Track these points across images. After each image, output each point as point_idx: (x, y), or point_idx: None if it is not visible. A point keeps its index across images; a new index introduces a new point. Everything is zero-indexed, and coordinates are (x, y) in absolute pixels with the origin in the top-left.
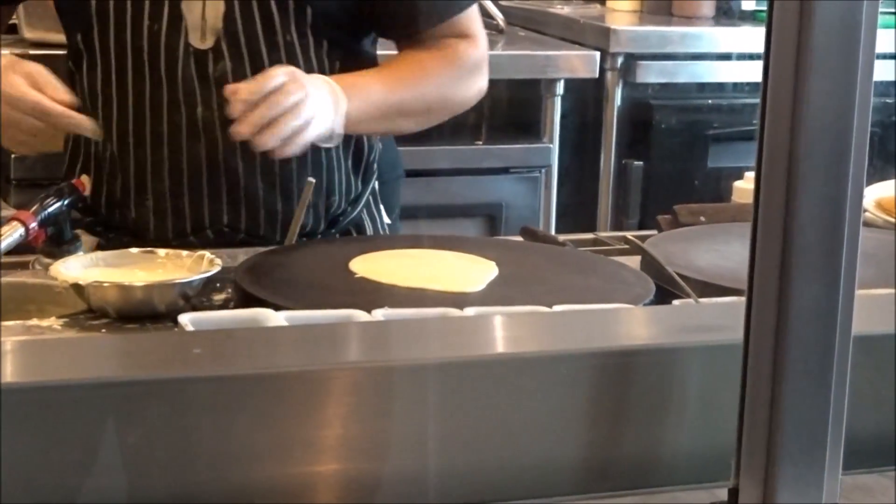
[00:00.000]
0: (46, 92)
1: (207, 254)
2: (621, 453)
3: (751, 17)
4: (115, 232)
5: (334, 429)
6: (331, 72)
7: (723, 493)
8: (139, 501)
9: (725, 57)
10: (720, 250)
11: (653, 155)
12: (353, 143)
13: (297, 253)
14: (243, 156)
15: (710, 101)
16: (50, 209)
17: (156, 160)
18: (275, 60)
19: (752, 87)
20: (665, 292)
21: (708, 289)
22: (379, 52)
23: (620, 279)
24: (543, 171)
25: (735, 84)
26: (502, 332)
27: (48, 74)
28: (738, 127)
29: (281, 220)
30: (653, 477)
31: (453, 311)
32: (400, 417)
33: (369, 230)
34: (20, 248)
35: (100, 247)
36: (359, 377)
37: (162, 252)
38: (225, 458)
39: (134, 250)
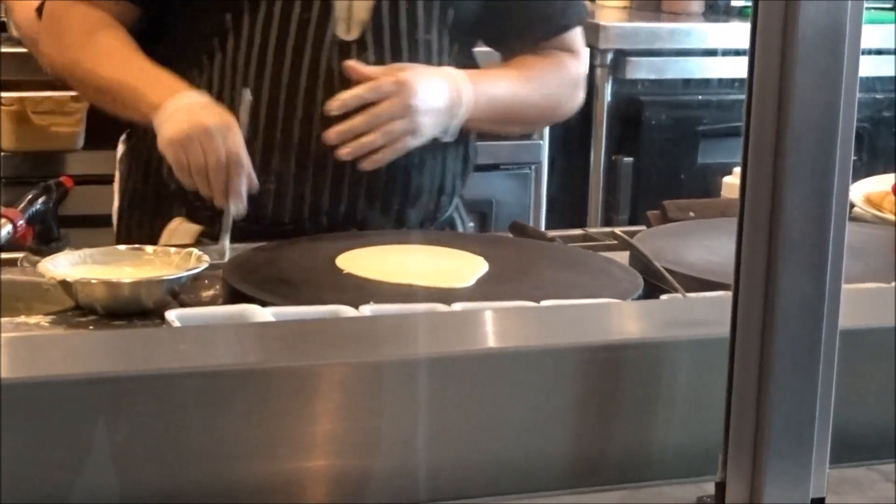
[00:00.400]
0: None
1: (195, 250)
2: (609, 448)
3: (740, 13)
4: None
5: (322, 425)
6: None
7: (710, 488)
8: (127, 497)
9: (715, 53)
10: (709, 245)
11: (643, 151)
12: (464, 145)
13: (285, 249)
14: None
15: (699, 98)
16: (37, 206)
17: (285, 144)
18: (413, 58)
19: (742, 83)
20: (653, 287)
21: (696, 283)
22: None
23: (608, 274)
24: (534, 167)
25: (725, 80)
26: (490, 327)
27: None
28: (728, 123)
29: (395, 216)
30: (640, 472)
31: (441, 307)
32: (388, 413)
33: (459, 228)
34: (8, 246)
35: (203, 234)
36: (346, 373)
37: (150, 249)
38: (212, 454)
39: (122, 247)
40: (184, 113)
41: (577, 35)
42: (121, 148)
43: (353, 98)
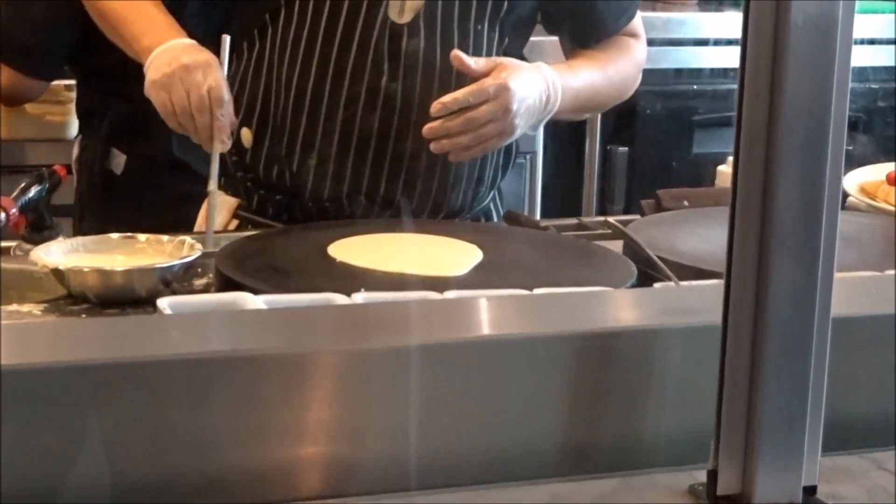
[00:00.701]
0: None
1: (188, 239)
2: (601, 435)
3: (734, 3)
4: (267, 190)
5: (313, 413)
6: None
7: (702, 476)
8: (118, 484)
9: (710, 42)
10: (702, 234)
11: (638, 141)
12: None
13: (277, 238)
14: (415, 132)
15: (694, 87)
16: (30, 195)
17: (328, 122)
18: (463, 46)
19: (736, 72)
20: (647, 276)
21: (689, 272)
22: None
23: (602, 263)
24: (528, 157)
25: (719, 70)
26: (482, 315)
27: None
28: (722, 112)
29: (433, 201)
30: (632, 459)
31: (433, 295)
32: (379, 401)
33: (494, 219)
34: (1, 235)
35: (239, 208)
36: (337, 361)
37: (142, 237)
38: (203, 442)
39: (114, 235)
40: (167, 55)
41: (639, 20)
42: (75, 150)
43: (455, 102)
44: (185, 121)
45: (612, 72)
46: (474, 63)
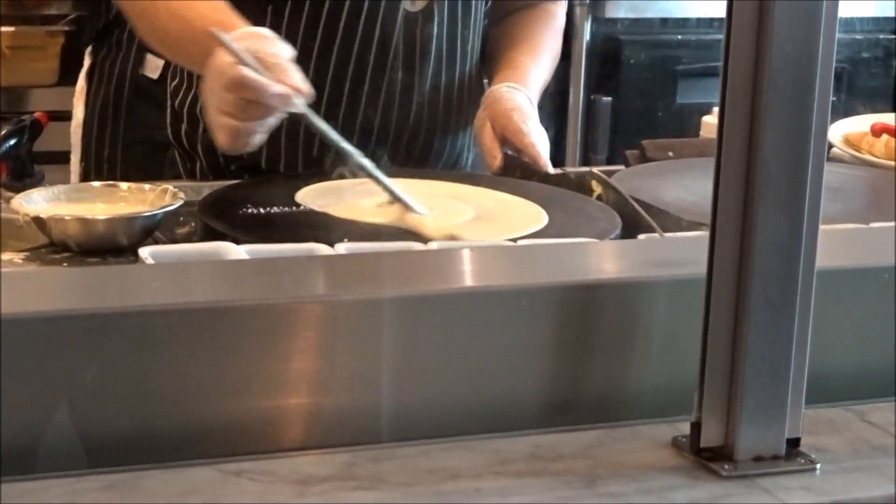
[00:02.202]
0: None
1: (171, 187)
2: (584, 387)
3: None
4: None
5: (295, 363)
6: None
7: (685, 428)
8: (99, 435)
9: None
10: (687, 185)
11: (621, 91)
12: None
13: (261, 186)
14: (429, 117)
15: (679, 37)
16: (11, 143)
17: (349, 113)
18: (465, 21)
19: (721, 22)
20: (631, 226)
21: (673, 223)
22: None
23: (586, 213)
24: None
25: (704, 20)
26: (466, 266)
27: None
28: (707, 63)
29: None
30: (615, 411)
31: (416, 245)
32: (361, 352)
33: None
34: None
35: None
36: (319, 311)
37: (124, 185)
38: (185, 392)
39: (96, 184)
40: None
41: None
42: (87, 60)
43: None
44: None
45: (547, 52)
46: (500, 157)
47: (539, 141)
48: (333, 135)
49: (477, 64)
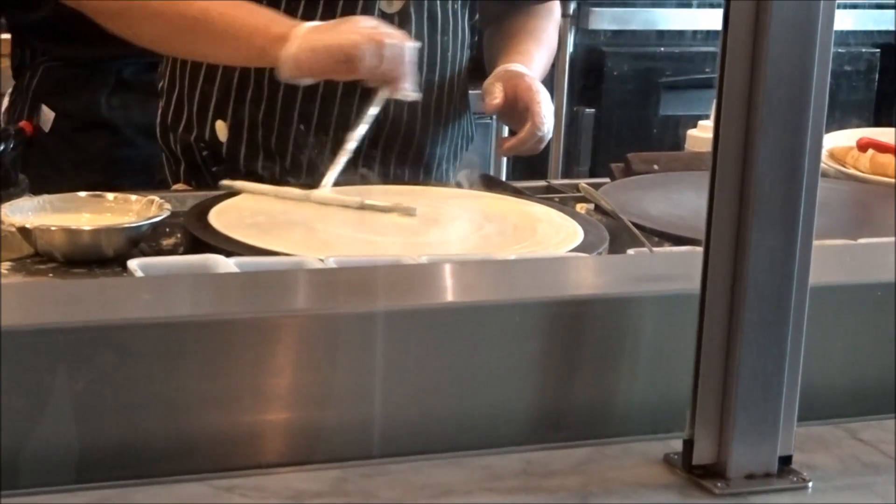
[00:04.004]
0: None
1: (157, 198)
2: (575, 404)
3: None
4: (252, 181)
5: (283, 377)
6: (471, 38)
7: (677, 445)
8: (86, 448)
9: (678, 4)
10: (673, 199)
11: (604, 102)
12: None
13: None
14: (407, 119)
15: (662, 49)
16: None
17: (324, 115)
18: (445, 27)
19: (705, 34)
20: (618, 241)
21: (661, 237)
22: None
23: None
24: (494, 118)
25: (687, 32)
26: (455, 280)
27: None
28: (690, 75)
29: (414, 179)
30: (607, 428)
31: (406, 259)
32: (349, 366)
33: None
34: None
35: None
36: (307, 325)
37: (110, 196)
38: (173, 406)
39: (82, 194)
40: (328, 29)
41: None
42: (6, 101)
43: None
44: (373, 73)
45: (546, 44)
46: (500, 97)
47: (545, 101)
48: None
49: (460, 74)
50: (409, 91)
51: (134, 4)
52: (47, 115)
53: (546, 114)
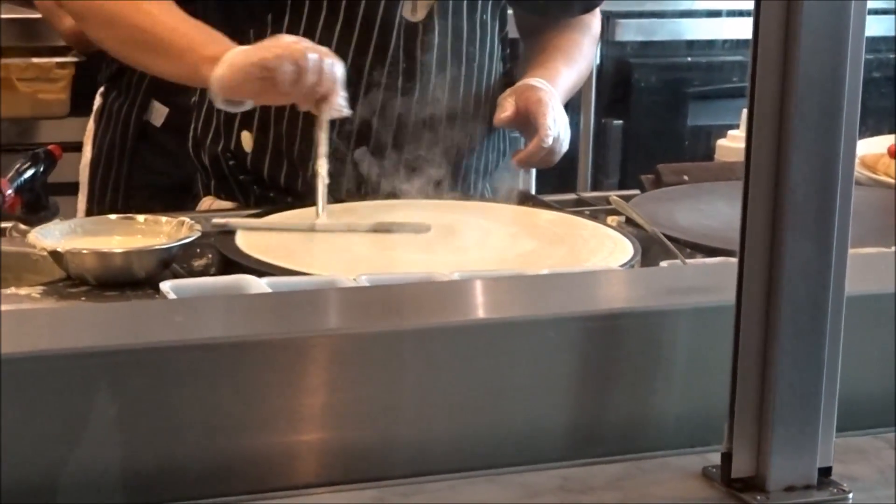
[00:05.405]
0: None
1: (187, 219)
2: (612, 418)
3: None
4: (272, 192)
5: (318, 397)
6: (501, 51)
7: (716, 458)
8: (122, 471)
9: (705, 14)
10: (705, 210)
11: (632, 114)
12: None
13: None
14: (430, 130)
15: (689, 59)
16: (25, 175)
17: (342, 123)
18: (472, 38)
19: (732, 44)
20: (650, 253)
21: (693, 249)
22: None
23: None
24: None
25: (714, 41)
26: (487, 296)
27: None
28: (717, 85)
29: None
30: (643, 442)
31: (438, 276)
32: (384, 385)
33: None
34: None
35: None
36: (342, 344)
37: (140, 218)
38: (209, 428)
39: (112, 216)
40: (254, 49)
41: None
42: (98, 101)
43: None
44: (296, 88)
45: (581, 60)
46: (510, 111)
47: (553, 113)
48: None
49: (491, 87)
50: (341, 107)
51: (94, 7)
52: (160, 110)
53: (552, 125)
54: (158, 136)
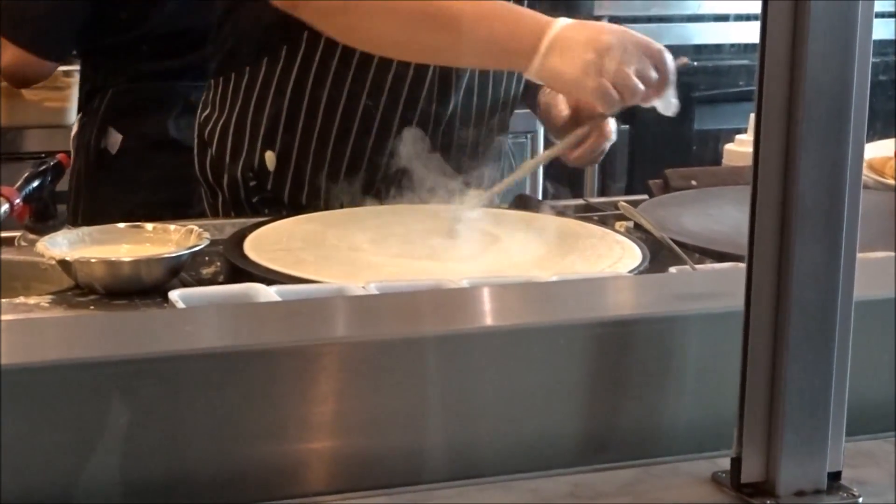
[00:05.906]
0: None
1: (195, 227)
2: (621, 424)
3: None
4: (291, 212)
5: (329, 405)
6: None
7: (724, 463)
8: (132, 481)
9: (712, 18)
10: (713, 215)
11: (638, 118)
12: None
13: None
14: (456, 147)
15: (695, 63)
16: (33, 184)
17: (364, 144)
18: None
19: (738, 48)
20: (659, 259)
21: (701, 254)
22: None
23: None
24: (529, 136)
25: (720, 46)
26: (497, 303)
27: None
28: (723, 89)
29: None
30: (653, 447)
31: (448, 283)
32: (396, 392)
33: None
34: (4, 225)
35: None
36: (353, 352)
37: (149, 226)
38: (220, 436)
39: (121, 225)
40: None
41: None
42: (75, 128)
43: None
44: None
45: None
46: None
47: None
48: None
49: (511, 91)
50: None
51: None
52: (114, 137)
53: (612, 126)
54: (115, 163)
